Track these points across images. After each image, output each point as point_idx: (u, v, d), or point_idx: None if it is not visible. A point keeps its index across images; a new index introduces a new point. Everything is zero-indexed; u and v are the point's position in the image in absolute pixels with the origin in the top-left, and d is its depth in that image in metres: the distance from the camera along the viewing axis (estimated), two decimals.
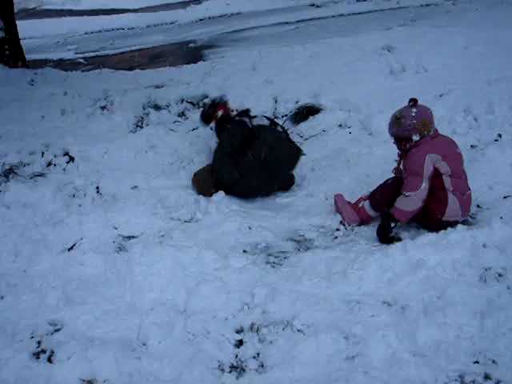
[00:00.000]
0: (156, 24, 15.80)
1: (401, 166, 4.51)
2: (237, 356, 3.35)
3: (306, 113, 6.40)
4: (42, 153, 5.65)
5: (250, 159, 5.07)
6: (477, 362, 3.12)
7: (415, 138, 4.30)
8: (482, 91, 6.27)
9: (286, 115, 6.49)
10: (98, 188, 5.13)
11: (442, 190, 4.27)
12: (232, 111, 5.83)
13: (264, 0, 16.55)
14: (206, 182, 5.18)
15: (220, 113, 5.59)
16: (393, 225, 4.33)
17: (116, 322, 3.57)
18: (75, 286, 3.87)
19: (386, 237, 4.34)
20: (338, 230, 4.58)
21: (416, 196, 4.22)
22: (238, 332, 3.48)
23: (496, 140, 5.42)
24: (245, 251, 4.26)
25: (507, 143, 5.29)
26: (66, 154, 5.66)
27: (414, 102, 4.36)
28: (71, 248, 4.34)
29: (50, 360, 3.32)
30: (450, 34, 8.40)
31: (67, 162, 5.57)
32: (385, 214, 4.43)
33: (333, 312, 3.50)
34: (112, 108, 6.76)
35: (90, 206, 4.92)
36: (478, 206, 4.63)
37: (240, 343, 3.42)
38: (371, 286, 3.71)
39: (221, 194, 5.03)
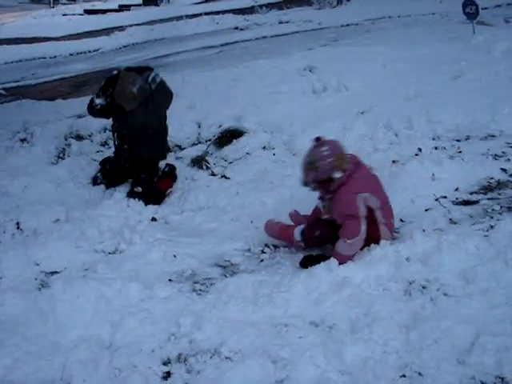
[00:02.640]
0: (79, 52, 15.56)
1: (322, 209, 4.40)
2: None
3: (229, 136, 6.40)
4: None
5: None
6: (403, 376, 3.11)
7: (337, 175, 4.12)
8: (401, 107, 6.43)
9: (210, 139, 6.48)
10: (18, 224, 4.98)
11: (374, 226, 4.16)
12: None
13: (188, 24, 16.57)
14: None
15: None
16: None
17: (38, 362, 3.41)
18: None
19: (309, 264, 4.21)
20: (263, 252, 4.56)
21: (359, 241, 4.09)
22: (165, 364, 3.39)
23: (416, 154, 5.54)
24: (170, 280, 4.19)
25: (427, 157, 5.41)
26: None
27: (318, 140, 4.21)
28: None
29: None
30: (369, 52, 8.65)
31: None
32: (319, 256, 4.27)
33: (260, 336, 3.45)
34: (32, 140, 6.60)
35: (10, 242, 4.78)
36: (401, 220, 4.68)
37: (168, 375, 3.32)
38: (298, 307, 3.70)
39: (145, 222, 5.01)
